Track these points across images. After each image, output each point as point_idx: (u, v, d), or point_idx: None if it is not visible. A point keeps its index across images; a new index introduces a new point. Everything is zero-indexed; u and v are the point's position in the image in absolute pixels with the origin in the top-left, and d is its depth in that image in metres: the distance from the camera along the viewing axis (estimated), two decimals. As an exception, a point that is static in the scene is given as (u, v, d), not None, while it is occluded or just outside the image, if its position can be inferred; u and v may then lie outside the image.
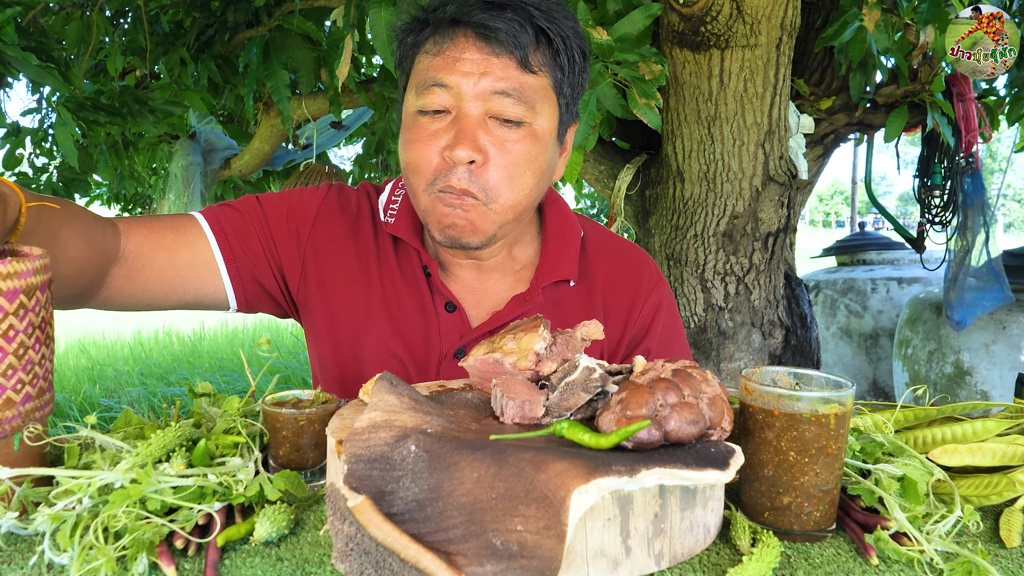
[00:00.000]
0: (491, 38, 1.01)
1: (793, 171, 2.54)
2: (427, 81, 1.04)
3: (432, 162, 1.05)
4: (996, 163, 20.11)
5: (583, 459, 0.64)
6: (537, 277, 1.21)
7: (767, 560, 0.66)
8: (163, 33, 3.46)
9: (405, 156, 1.09)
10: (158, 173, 4.85)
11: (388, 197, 1.24)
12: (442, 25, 1.05)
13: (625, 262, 1.28)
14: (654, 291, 1.28)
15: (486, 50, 1.02)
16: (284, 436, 0.85)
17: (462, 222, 1.07)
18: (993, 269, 3.40)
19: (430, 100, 1.04)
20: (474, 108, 1.03)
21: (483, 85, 1.02)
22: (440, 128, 1.04)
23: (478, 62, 1.02)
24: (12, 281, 0.73)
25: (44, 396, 0.79)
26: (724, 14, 2.17)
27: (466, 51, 1.02)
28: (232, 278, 1.17)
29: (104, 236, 1.04)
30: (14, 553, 0.69)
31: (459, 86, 1.02)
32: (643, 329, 1.26)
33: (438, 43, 1.04)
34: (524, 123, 1.05)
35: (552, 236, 1.25)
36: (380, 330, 1.19)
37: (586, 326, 0.91)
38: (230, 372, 6.20)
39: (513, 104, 1.03)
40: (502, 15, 1.01)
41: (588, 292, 1.25)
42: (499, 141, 1.04)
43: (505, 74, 1.02)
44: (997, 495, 0.81)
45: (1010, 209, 46.83)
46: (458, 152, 1.01)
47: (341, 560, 0.59)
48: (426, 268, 1.20)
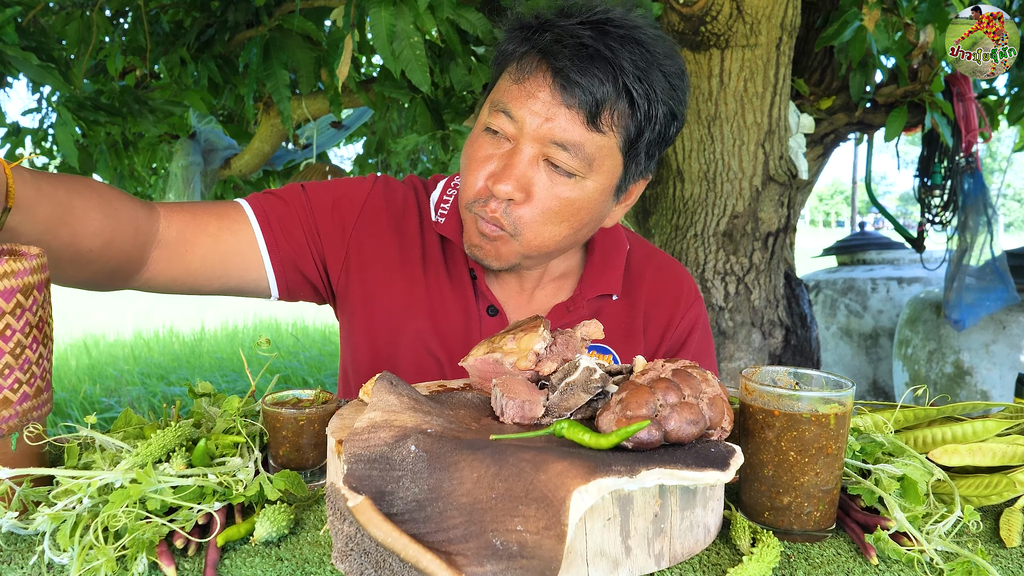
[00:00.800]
0: (567, 89, 0.99)
1: (793, 171, 2.54)
2: (498, 104, 1.04)
3: (477, 184, 1.06)
4: (996, 163, 20.11)
5: (583, 459, 0.64)
6: (582, 288, 1.22)
7: (767, 560, 0.66)
8: (163, 33, 3.46)
9: (463, 166, 1.10)
10: (158, 173, 4.85)
11: (440, 196, 1.24)
12: (530, 54, 1.03)
13: (666, 277, 1.30)
14: (691, 308, 1.30)
15: (559, 98, 1.00)
16: (284, 436, 0.84)
17: (487, 247, 1.08)
18: (997, 269, 3.40)
19: (496, 123, 1.04)
20: (530, 148, 1.02)
21: (545, 130, 1.01)
22: (496, 153, 1.05)
23: (548, 106, 1.00)
24: (8, 280, 0.73)
25: (42, 396, 0.79)
26: (724, 14, 2.17)
27: (540, 90, 1.01)
28: (275, 267, 1.17)
29: (136, 214, 1.03)
30: (14, 553, 0.69)
31: (524, 121, 1.01)
32: (678, 345, 1.28)
33: (521, 69, 1.03)
34: (576, 176, 1.04)
35: (599, 248, 1.26)
36: (419, 326, 1.19)
37: (586, 326, 0.90)
38: (230, 372, 6.20)
39: (569, 158, 1.02)
40: (588, 67, 0.98)
41: (630, 306, 1.26)
42: (545, 185, 1.04)
43: (569, 127, 1.00)
44: (997, 495, 0.81)
45: (1010, 209, 46.83)
46: (500, 186, 1.02)
47: (341, 560, 0.59)
48: (472, 271, 1.21)
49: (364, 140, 5.27)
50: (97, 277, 1.02)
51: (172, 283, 1.12)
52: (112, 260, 1.00)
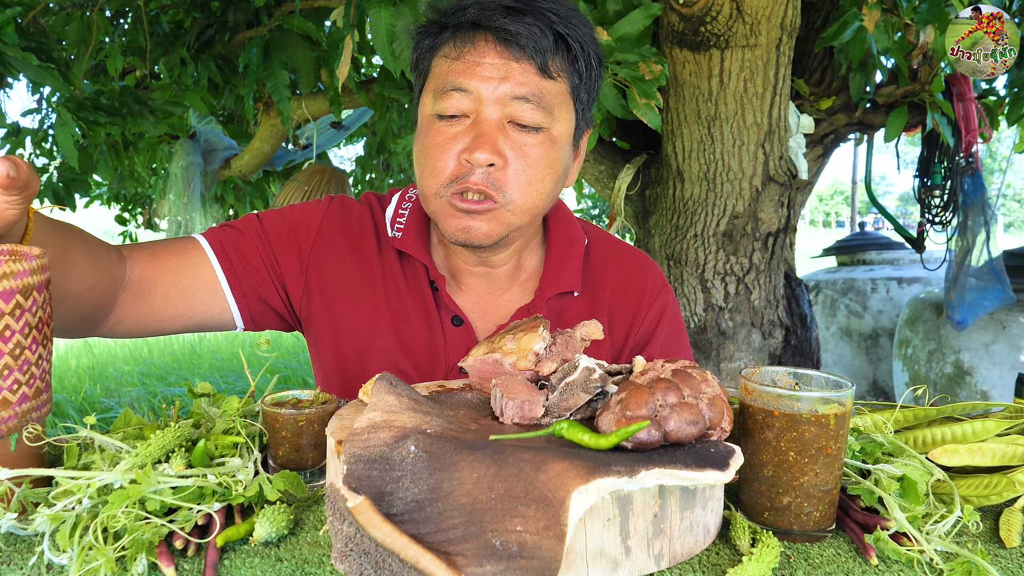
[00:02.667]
0: (512, 43, 1.01)
1: (793, 171, 2.54)
2: (446, 85, 1.04)
3: (448, 166, 1.04)
4: (996, 163, 20.11)
5: (583, 459, 0.64)
6: (541, 288, 1.21)
7: (767, 560, 0.66)
8: (163, 33, 3.46)
9: (421, 159, 1.08)
10: (158, 173, 4.85)
11: (395, 210, 1.23)
12: (462, 28, 1.04)
13: (629, 268, 1.28)
14: (658, 298, 1.28)
15: (506, 55, 1.02)
16: (283, 436, 0.84)
17: (475, 224, 1.06)
18: (994, 269, 3.40)
19: (448, 104, 1.04)
20: (493, 113, 1.03)
21: (502, 90, 1.02)
22: (458, 132, 1.04)
23: (498, 67, 1.02)
24: (8, 281, 0.73)
25: (41, 397, 0.79)
26: (724, 14, 2.17)
27: (486, 55, 1.02)
28: (236, 297, 1.17)
29: (110, 258, 1.04)
30: (13, 553, 0.69)
31: (478, 91, 1.02)
32: (646, 336, 1.26)
33: (458, 47, 1.04)
34: (542, 128, 1.05)
35: (556, 245, 1.24)
36: (385, 344, 1.19)
37: (585, 326, 0.91)
38: (230, 372, 6.20)
39: (532, 109, 1.03)
40: (522, 20, 1.01)
41: (592, 301, 1.24)
42: (517, 145, 1.04)
43: (525, 79, 1.02)
44: (997, 495, 0.81)
45: (1010, 209, 46.82)
46: (477, 155, 1.01)
47: (340, 560, 0.59)
48: (433, 283, 1.20)
49: (364, 140, 5.27)
50: (73, 323, 1.02)
51: (138, 325, 1.12)
52: (90, 304, 1.01)
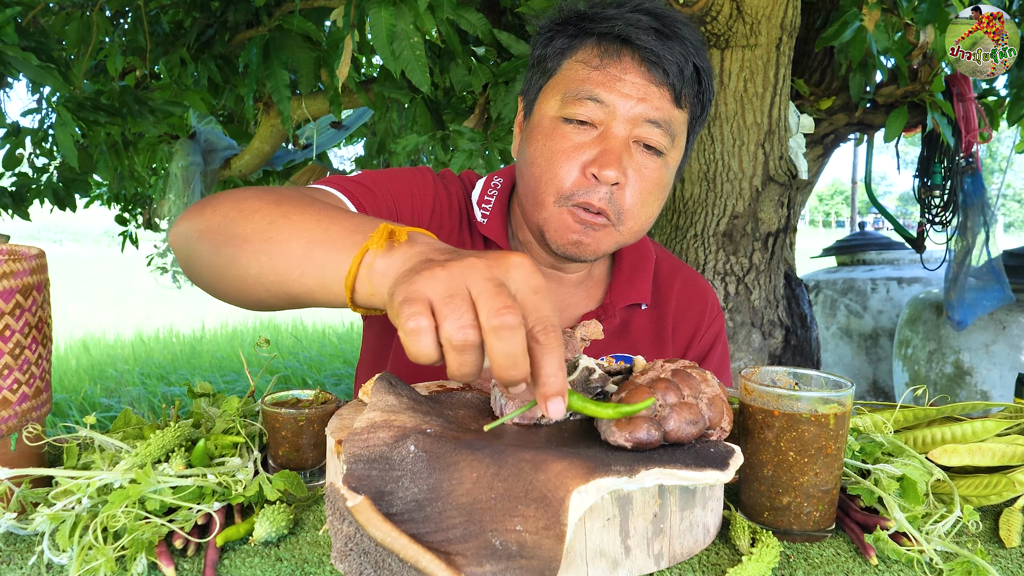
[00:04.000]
0: (656, 66, 1.02)
1: (793, 171, 2.54)
2: (581, 92, 1.03)
3: (571, 175, 1.04)
4: (996, 163, 20.11)
5: (582, 459, 0.64)
6: (612, 297, 1.23)
7: (766, 560, 0.66)
8: (163, 33, 3.46)
9: (541, 160, 1.06)
10: (158, 173, 4.85)
11: (481, 194, 1.22)
12: (607, 40, 1.04)
13: (691, 288, 1.32)
14: (715, 322, 1.32)
15: (649, 77, 1.02)
16: (283, 436, 0.84)
17: (588, 240, 1.06)
18: (993, 269, 3.40)
19: (579, 111, 1.03)
20: (622, 130, 1.03)
21: (638, 110, 1.02)
22: (584, 141, 1.04)
23: (639, 87, 1.02)
24: (8, 281, 0.73)
25: (41, 396, 0.79)
26: (724, 14, 2.17)
27: (629, 72, 1.02)
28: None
29: None
30: (13, 553, 0.69)
31: (615, 105, 1.02)
32: (701, 355, 1.30)
33: (601, 57, 1.04)
34: (663, 153, 1.06)
35: (627, 257, 1.26)
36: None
37: (585, 326, 0.90)
38: (230, 372, 6.20)
39: (661, 135, 1.04)
40: (668, 45, 1.02)
41: (659, 316, 1.27)
42: (638, 166, 1.05)
43: (661, 105, 1.03)
44: (997, 495, 0.81)
45: (1010, 209, 46.81)
46: (606, 172, 1.01)
47: (340, 560, 0.59)
48: None
49: (364, 140, 5.27)
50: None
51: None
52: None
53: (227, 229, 0.83)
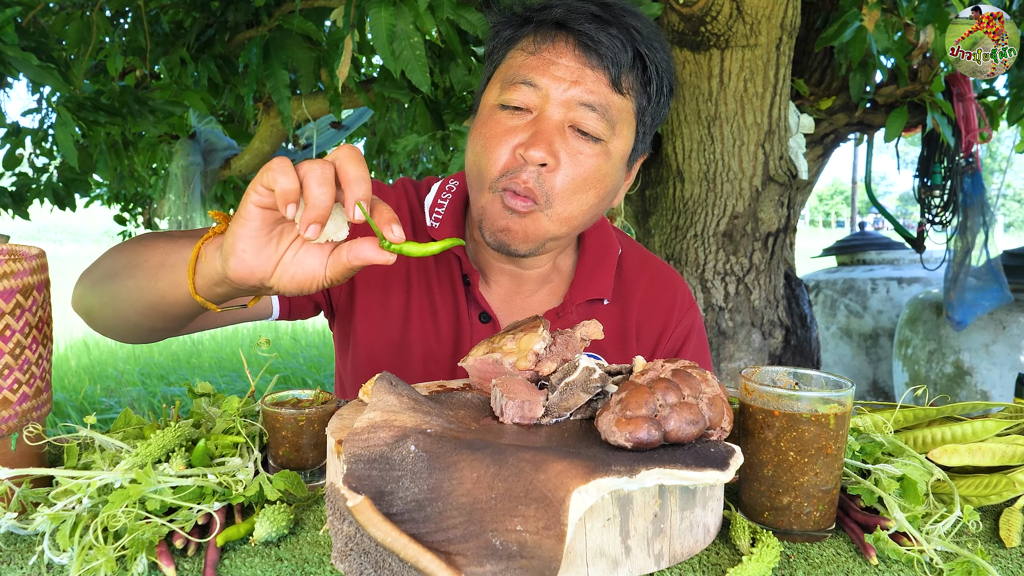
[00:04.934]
0: (591, 50, 1.01)
1: (793, 171, 2.54)
2: (516, 77, 1.03)
3: (502, 158, 1.03)
4: (996, 163, 20.10)
5: (583, 459, 0.64)
6: (572, 293, 1.21)
7: (767, 560, 0.66)
8: (163, 33, 3.46)
9: (475, 147, 1.07)
10: (158, 173, 4.85)
11: (435, 200, 1.23)
12: (544, 25, 1.04)
13: (659, 283, 1.28)
14: (686, 316, 1.28)
15: (583, 60, 1.01)
16: (284, 436, 0.84)
17: (516, 227, 1.05)
18: (992, 269, 3.40)
19: (514, 96, 1.03)
20: (556, 113, 1.02)
21: (572, 93, 1.01)
22: (517, 125, 1.03)
23: (573, 70, 1.01)
24: (8, 281, 0.73)
25: (41, 396, 0.79)
26: (724, 14, 2.17)
27: (563, 56, 1.02)
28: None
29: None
30: (14, 553, 0.69)
31: (548, 88, 1.01)
32: (672, 353, 1.28)
33: (537, 42, 1.03)
34: (601, 140, 1.04)
35: (590, 252, 1.24)
36: (413, 338, 1.19)
37: (585, 326, 0.90)
38: (230, 372, 6.20)
39: (596, 119, 1.02)
40: (607, 30, 1.01)
41: (622, 312, 1.24)
42: (573, 151, 1.03)
43: (596, 88, 1.02)
44: (997, 495, 0.81)
45: (1010, 209, 46.81)
46: (532, 152, 1.00)
47: (341, 560, 0.59)
48: (466, 277, 1.20)
49: (364, 140, 5.27)
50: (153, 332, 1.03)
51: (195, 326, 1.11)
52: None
53: (106, 273, 0.98)
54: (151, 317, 0.94)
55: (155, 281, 0.89)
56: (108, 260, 1.01)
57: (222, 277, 0.80)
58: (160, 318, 0.94)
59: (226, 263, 0.77)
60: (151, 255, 0.92)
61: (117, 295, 0.95)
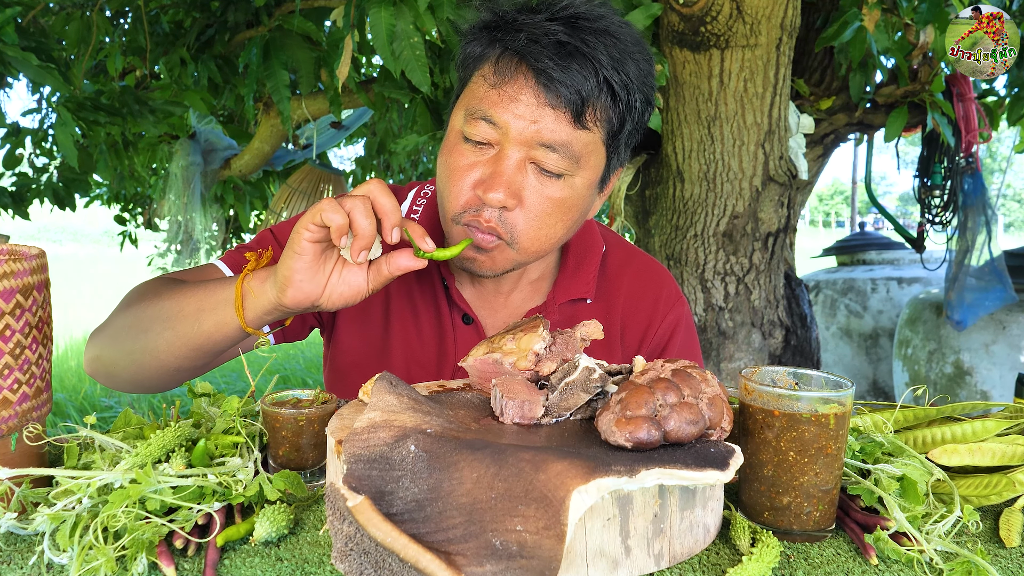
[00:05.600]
0: (551, 89, 0.97)
1: (793, 171, 2.54)
2: (477, 112, 1.00)
3: (463, 195, 1.02)
4: (996, 163, 20.10)
5: (583, 459, 0.64)
6: (555, 292, 1.21)
7: (767, 560, 0.66)
8: (163, 33, 3.46)
9: (441, 173, 1.06)
10: (158, 173, 4.85)
11: (410, 205, 1.22)
12: (506, 56, 1.00)
13: (644, 279, 1.27)
14: (671, 311, 1.27)
15: (543, 99, 0.97)
16: (284, 436, 0.84)
17: (483, 258, 1.05)
18: (995, 269, 3.40)
19: (475, 131, 1.00)
20: (516, 153, 1.00)
21: (531, 132, 0.98)
22: (479, 161, 1.01)
23: (533, 108, 0.98)
24: (8, 281, 0.73)
25: (41, 396, 0.79)
26: (724, 14, 2.17)
27: (523, 93, 0.98)
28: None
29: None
30: (14, 553, 0.69)
31: (507, 127, 0.98)
32: (659, 347, 1.26)
33: (499, 74, 1.00)
34: (565, 175, 1.02)
35: (573, 252, 1.24)
36: (396, 343, 1.20)
37: (585, 326, 0.90)
38: (230, 372, 6.20)
39: (557, 159, 1.00)
40: (569, 64, 0.96)
41: (606, 310, 1.24)
42: (535, 188, 1.01)
43: (556, 127, 0.98)
44: (997, 495, 0.81)
45: (1010, 209, 46.79)
46: (491, 195, 0.98)
47: (341, 560, 0.59)
48: (444, 280, 1.20)
49: (364, 141, 5.27)
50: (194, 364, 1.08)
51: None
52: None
53: (132, 328, 1.03)
54: (193, 359, 1.02)
55: (198, 326, 0.98)
56: (126, 318, 1.05)
57: (275, 306, 0.92)
58: (203, 356, 1.02)
59: (283, 293, 0.90)
60: (184, 304, 0.99)
61: (155, 347, 1.01)
